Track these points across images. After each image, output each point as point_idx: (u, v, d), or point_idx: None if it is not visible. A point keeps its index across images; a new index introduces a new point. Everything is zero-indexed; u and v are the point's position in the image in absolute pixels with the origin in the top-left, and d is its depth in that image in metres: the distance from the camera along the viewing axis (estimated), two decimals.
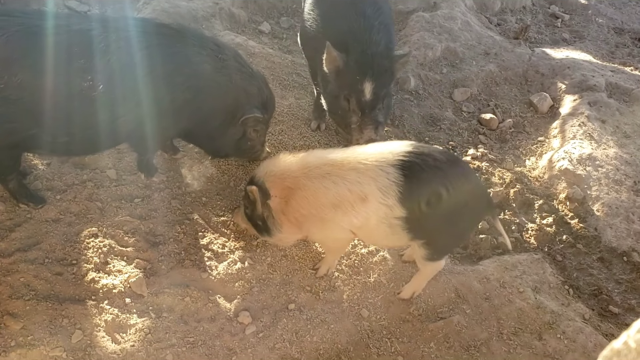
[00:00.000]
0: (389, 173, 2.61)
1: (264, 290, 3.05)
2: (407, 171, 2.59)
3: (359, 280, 3.20)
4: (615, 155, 4.20)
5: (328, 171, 2.72)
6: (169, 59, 2.90)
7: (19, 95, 2.57)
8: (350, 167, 2.68)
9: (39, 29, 2.61)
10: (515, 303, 3.21)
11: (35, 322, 2.66)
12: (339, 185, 2.66)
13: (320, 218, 2.74)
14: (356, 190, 2.64)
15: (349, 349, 2.92)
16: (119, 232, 3.14)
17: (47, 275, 2.86)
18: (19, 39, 2.55)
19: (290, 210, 2.81)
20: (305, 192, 2.73)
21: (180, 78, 2.96)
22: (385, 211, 2.63)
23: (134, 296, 2.87)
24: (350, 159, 2.72)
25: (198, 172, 3.63)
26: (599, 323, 3.24)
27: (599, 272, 3.55)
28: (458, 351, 2.99)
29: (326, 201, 2.69)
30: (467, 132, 4.48)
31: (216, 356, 2.75)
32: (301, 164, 2.80)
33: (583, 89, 4.84)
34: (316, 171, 2.73)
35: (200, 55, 3.00)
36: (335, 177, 2.68)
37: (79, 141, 2.89)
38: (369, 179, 2.63)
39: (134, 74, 2.77)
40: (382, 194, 2.61)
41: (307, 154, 2.88)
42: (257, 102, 3.22)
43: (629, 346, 1.16)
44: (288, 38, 5.24)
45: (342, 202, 2.67)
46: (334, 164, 2.73)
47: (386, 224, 2.67)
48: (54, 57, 2.59)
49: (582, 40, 5.94)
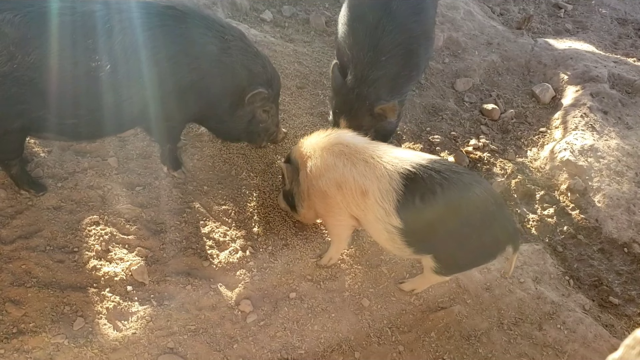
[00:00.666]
0: (393, 179, 2.63)
1: (265, 279, 3.05)
2: (409, 182, 2.60)
3: (360, 269, 3.21)
4: (617, 147, 4.19)
5: (343, 150, 2.78)
6: (174, 41, 2.88)
7: (31, 76, 2.57)
8: (362, 158, 2.73)
9: (48, 10, 2.60)
10: (515, 293, 3.21)
11: (37, 309, 2.67)
12: (347, 168, 2.72)
13: (323, 193, 2.81)
14: (359, 182, 2.68)
15: (350, 338, 2.92)
16: (120, 220, 3.13)
17: (48, 262, 2.86)
18: (32, 20, 2.54)
19: (306, 179, 2.89)
20: (318, 162, 2.81)
21: (186, 59, 2.94)
22: (382, 213, 2.66)
23: (136, 284, 2.88)
24: (367, 150, 2.77)
25: (199, 161, 3.63)
26: (599, 314, 3.25)
27: (599, 263, 3.55)
28: (458, 341, 3.00)
29: (332, 176, 2.75)
30: (469, 123, 4.47)
31: (217, 344, 2.76)
32: (325, 139, 2.90)
33: (585, 79, 4.82)
34: (333, 147, 2.82)
35: (206, 36, 2.98)
36: (346, 159, 2.75)
37: (86, 123, 2.88)
38: (373, 176, 2.66)
39: (138, 55, 2.76)
40: (381, 196, 2.64)
41: (333, 132, 2.96)
42: (262, 80, 3.20)
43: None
44: (290, 26, 5.21)
45: (345, 185, 2.73)
46: (351, 147, 2.80)
47: (383, 228, 2.70)
48: (64, 37, 2.59)
49: (585, 30, 5.91)
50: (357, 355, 2.86)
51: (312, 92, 4.33)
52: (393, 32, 3.36)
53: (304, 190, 2.93)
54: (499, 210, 2.69)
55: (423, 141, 4.13)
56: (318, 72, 4.56)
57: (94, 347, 2.61)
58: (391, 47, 3.36)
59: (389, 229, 2.68)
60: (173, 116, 3.18)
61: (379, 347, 2.91)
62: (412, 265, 3.25)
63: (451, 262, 2.81)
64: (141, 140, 3.63)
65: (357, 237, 3.33)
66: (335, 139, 2.88)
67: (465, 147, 4.16)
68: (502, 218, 2.70)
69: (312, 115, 4.12)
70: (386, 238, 2.75)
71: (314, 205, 2.95)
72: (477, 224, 2.63)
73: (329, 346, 2.88)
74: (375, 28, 3.35)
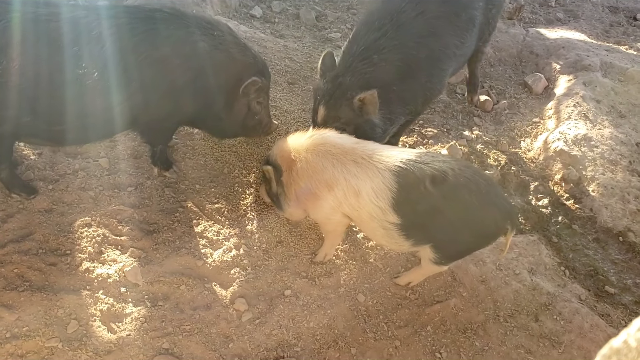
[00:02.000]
0: (385, 177, 2.64)
1: (260, 277, 3.04)
2: (402, 179, 2.61)
3: (355, 265, 3.20)
4: (611, 135, 4.19)
5: (330, 151, 2.77)
6: (163, 43, 2.87)
7: (16, 82, 2.55)
8: (352, 159, 2.73)
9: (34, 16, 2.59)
10: (511, 285, 3.21)
11: (30, 313, 2.65)
12: (336, 169, 2.71)
13: (314, 194, 2.79)
14: (352, 182, 2.69)
15: (346, 334, 2.92)
16: (112, 221, 3.11)
17: (41, 265, 2.84)
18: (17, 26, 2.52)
19: (292, 182, 2.86)
20: (304, 164, 2.79)
21: (178, 60, 2.93)
22: (377, 212, 2.67)
23: (129, 285, 2.86)
24: (356, 150, 2.76)
25: (191, 159, 3.61)
26: (595, 303, 3.25)
27: (594, 252, 3.55)
28: (455, 334, 3.00)
29: (321, 178, 2.74)
30: (461, 115, 4.45)
31: (212, 343, 2.75)
32: (308, 140, 2.87)
33: (578, 68, 4.81)
34: (319, 148, 2.80)
35: (195, 34, 2.96)
36: (335, 161, 2.74)
37: (75, 129, 2.86)
38: (366, 176, 2.67)
39: (128, 60, 2.75)
40: (376, 195, 2.65)
41: (316, 132, 2.93)
42: (255, 71, 3.19)
43: (629, 345, 1.14)
44: (280, 22, 5.18)
45: (336, 186, 2.72)
46: (338, 147, 2.79)
47: (379, 225, 2.71)
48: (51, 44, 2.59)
49: (576, 19, 5.89)
50: (354, 351, 2.85)
51: (303, 88, 4.30)
52: (393, 39, 3.18)
53: (291, 191, 2.91)
54: (493, 190, 2.73)
55: (416, 134, 4.12)
56: (309, 67, 4.53)
57: (89, 349, 2.59)
58: (387, 50, 3.16)
59: (385, 225, 2.69)
60: (168, 119, 3.16)
61: (375, 343, 2.90)
62: (407, 260, 3.24)
63: (451, 249, 2.82)
64: (132, 140, 3.61)
65: (352, 232, 3.32)
66: (320, 139, 2.86)
67: (458, 139, 4.15)
68: (496, 197, 2.74)
69: (303, 111, 4.10)
70: (382, 235, 2.76)
71: (303, 205, 2.93)
72: (472, 207, 2.65)
73: (325, 343, 2.87)
74: (377, 30, 3.20)
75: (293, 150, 2.86)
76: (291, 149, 2.88)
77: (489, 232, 2.78)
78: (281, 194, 2.97)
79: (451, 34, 3.42)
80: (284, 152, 2.91)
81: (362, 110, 3.13)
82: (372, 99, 3.08)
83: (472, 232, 2.75)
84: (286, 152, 2.90)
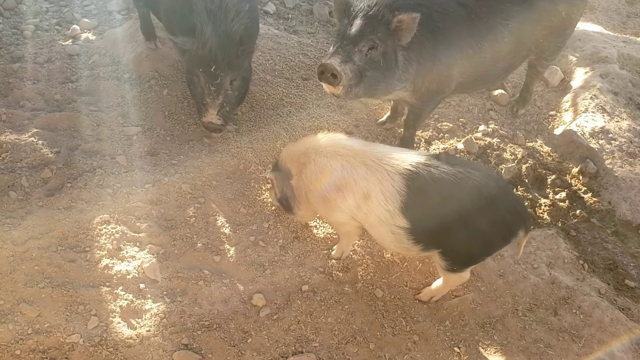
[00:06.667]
0: (395, 180, 2.62)
1: (277, 272, 3.05)
2: (411, 182, 2.59)
3: (372, 260, 3.19)
4: (629, 128, 4.14)
5: (339, 152, 2.75)
6: None
7: None
8: (361, 161, 2.71)
9: None
10: (529, 279, 3.19)
11: (51, 309, 2.68)
12: (346, 171, 2.70)
13: (324, 197, 2.78)
14: (361, 185, 2.67)
15: (364, 329, 2.91)
16: (130, 218, 3.14)
17: (60, 262, 2.87)
18: None
19: (302, 185, 2.85)
20: (314, 167, 2.78)
21: None
22: (385, 215, 2.65)
23: (148, 281, 2.88)
24: (366, 153, 2.74)
25: (207, 156, 3.62)
26: (615, 297, 3.21)
27: (613, 246, 3.51)
28: (473, 329, 2.98)
29: (331, 181, 2.72)
30: (477, 109, 4.42)
31: (231, 339, 2.76)
32: (317, 143, 2.86)
33: (594, 61, 4.75)
34: (328, 149, 2.78)
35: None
36: (344, 162, 2.72)
37: None
38: (375, 179, 2.65)
39: None
40: (385, 199, 2.63)
41: (325, 135, 2.92)
42: None
43: None
44: (293, 18, 5.17)
45: (345, 189, 2.70)
46: (348, 150, 2.77)
47: (388, 230, 2.68)
48: None
49: (592, 11, 5.82)
50: (372, 346, 2.85)
51: (317, 84, 4.29)
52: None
53: (301, 195, 2.90)
54: (503, 192, 2.69)
55: (432, 128, 4.09)
56: None
57: (109, 345, 2.62)
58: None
59: (394, 230, 2.67)
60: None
61: (393, 338, 2.90)
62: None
63: (462, 255, 2.75)
64: (149, 137, 3.63)
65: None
66: (329, 142, 2.84)
67: (474, 133, 4.12)
68: (507, 199, 2.69)
69: (318, 107, 4.10)
70: (391, 239, 2.73)
71: (314, 208, 2.93)
72: (482, 210, 2.60)
73: (343, 338, 2.86)
74: None
75: (302, 154, 2.85)
76: (300, 152, 2.87)
77: (500, 237, 2.72)
78: (291, 198, 2.96)
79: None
80: (293, 156, 2.90)
81: (396, 33, 2.99)
82: (411, 22, 2.93)
83: (483, 237, 2.68)
84: (295, 155, 2.89)
